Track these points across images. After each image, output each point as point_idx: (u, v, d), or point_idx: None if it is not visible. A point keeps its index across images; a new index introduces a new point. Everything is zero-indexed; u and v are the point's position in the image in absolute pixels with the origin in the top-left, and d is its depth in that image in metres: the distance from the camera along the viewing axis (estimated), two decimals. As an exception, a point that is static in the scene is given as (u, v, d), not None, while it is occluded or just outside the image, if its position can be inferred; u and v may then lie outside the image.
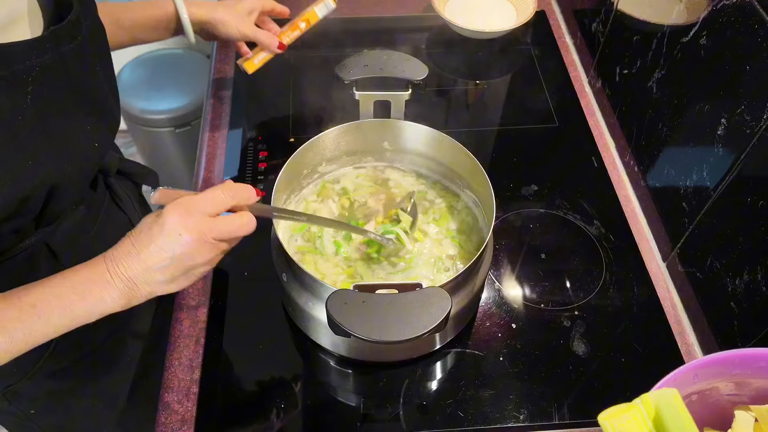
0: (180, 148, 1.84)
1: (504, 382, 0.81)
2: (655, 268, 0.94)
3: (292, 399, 0.79)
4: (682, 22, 0.86)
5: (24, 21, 0.60)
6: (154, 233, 0.59)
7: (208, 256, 0.61)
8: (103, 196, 0.82)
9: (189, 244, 0.59)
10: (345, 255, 0.84)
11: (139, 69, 1.81)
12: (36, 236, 0.70)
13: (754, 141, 0.72)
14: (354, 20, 1.33)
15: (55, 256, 0.73)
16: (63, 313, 0.58)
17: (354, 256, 0.84)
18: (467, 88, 1.22)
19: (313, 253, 0.85)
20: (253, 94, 1.18)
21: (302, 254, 0.85)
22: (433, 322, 0.61)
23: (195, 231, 0.59)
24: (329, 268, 0.83)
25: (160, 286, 0.61)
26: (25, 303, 0.57)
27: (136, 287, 0.60)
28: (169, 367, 0.82)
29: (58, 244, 0.72)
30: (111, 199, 0.83)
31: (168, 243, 0.59)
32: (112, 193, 0.83)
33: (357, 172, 0.94)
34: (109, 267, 0.59)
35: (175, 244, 0.59)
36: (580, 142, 1.11)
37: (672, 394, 0.49)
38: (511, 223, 0.99)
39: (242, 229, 0.63)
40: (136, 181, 0.90)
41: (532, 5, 1.28)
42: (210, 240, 0.60)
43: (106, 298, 0.59)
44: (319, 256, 0.84)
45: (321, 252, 0.84)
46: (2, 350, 0.57)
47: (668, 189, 0.92)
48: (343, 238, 0.86)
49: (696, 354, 0.85)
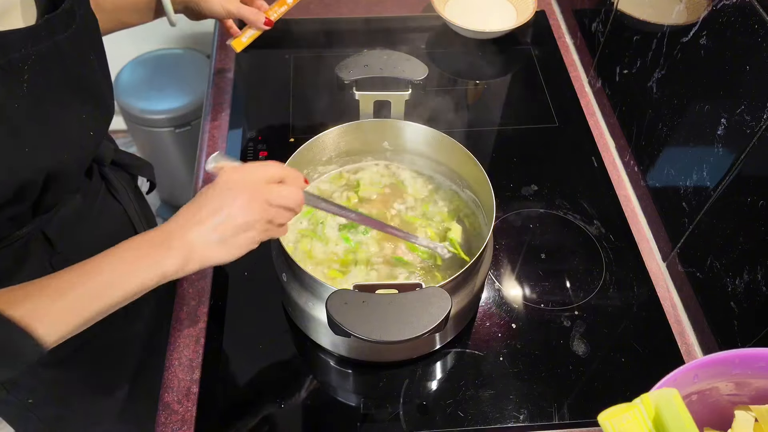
0: (180, 148, 1.84)
1: (504, 382, 0.81)
2: (655, 268, 0.94)
3: (292, 399, 0.79)
4: (682, 22, 0.86)
5: (17, 10, 0.61)
6: (209, 193, 0.61)
7: (257, 216, 0.62)
8: (99, 185, 0.82)
9: (242, 201, 0.60)
10: (351, 247, 0.84)
11: (139, 69, 1.81)
12: (33, 224, 0.70)
13: (754, 141, 0.72)
14: (354, 20, 1.33)
15: (51, 244, 0.73)
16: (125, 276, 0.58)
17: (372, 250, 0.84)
18: (467, 88, 1.22)
19: (312, 236, 0.85)
20: (253, 94, 1.18)
21: (302, 236, 0.85)
22: (433, 322, 0.61)
23: (249, 190, 0.61)
24: (322, 254, 0.83)
25: (213, 249, 0.61)
26: (89, 268, 0.58)
27: (192, 250, 0.60)
28: (169, 367, 0.82)
29: (55, 233, 0.73)
30: (107, 189, 0.84)
31: (223, 199, 0.61)
32: (107, 184, 0.84)
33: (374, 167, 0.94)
34: (167, 229, 0.61)
35: (228, 200, 0.60)
36: (580, 142, 1.11)
37: (672, 394, 0.49)
38: (511, 223, 0.99)
39: (292, 198, 0.64)
40: (131, 172, 0.91)
41: (532, 5, 1.28)
42: (261, 200, 0.62)
43: (164, 261, 0.59)
44: (317, 241, 0.84)
45: (320, 238, 0.84)
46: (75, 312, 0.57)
47: (668, 189, 0.92)
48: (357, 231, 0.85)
49: (696, 354, 0.85)
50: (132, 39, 1.88)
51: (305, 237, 0.85)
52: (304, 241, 0.85)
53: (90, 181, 0.80)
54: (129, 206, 0.87)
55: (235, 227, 0.61)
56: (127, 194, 0.87)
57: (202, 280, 0.90)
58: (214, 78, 1.20)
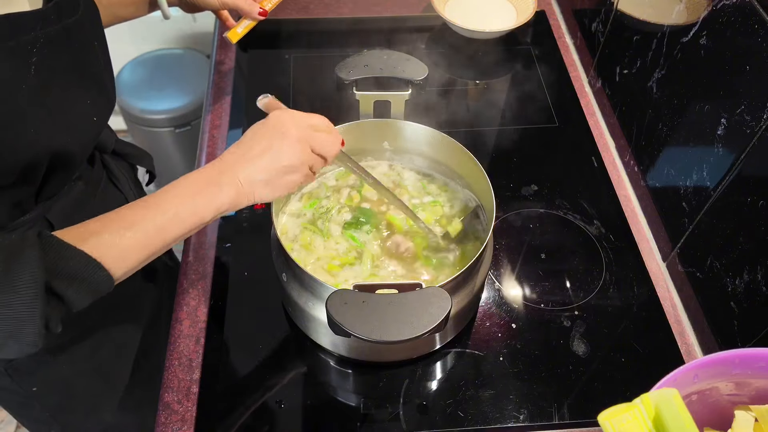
0: (180, 148, 1.84)
1: (504, 382, 0.81)
2: (655, 268, 0.94)
3: (292, 399, 0.79)
4: (682, 22, 0.86)
5: None
6: (261, 132, 0.65)
7: (302, 159, 0.65)
8: (101, 173, 0.83)
9: (290, 141, 0.64)
10: (355, 245, 0.84)
11: (139, 69, 1.81)
12: (36, 210, 0.71)
13: (754, 141, 0.72)
14: (354, 20, 1.33)
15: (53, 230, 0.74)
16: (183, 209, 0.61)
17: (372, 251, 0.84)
18: (467, 88, 1.22)
19: (313, 231, 0.85)
20: (253, 95, 1.17)
21: (303, 229, 0.85)
22: (433, 322, 0.61)
23: (296, 131, 0.65)
24: (322, 250, 0.84)
25: (260, 188, 0.65)
26: (150, 203, 0.60)
27: (241, 186, 0.63)
28: (169, 367, 0.82)
29: (57, 219, 0.73)
30: (108, 178, 0.85)
31: (272, 139, 0.64)
32: (108, 172, 0.85)
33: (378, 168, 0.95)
34: (219, 167, 0.64)
35: (276, 140, 0.64)
36: (580, 142, 1.11)
37: (672, 394, 0.49)
38: (511, 223, 0.99)
39: (331, 148, 0.69)
40: (131, 162, 0.92)
41: (532, 5, 1.28)
42: (306, 145, 0.65)
43: (219, 196, 0.62)
44: (318, 236, 0.84)
45: (322, 233, 0.85)
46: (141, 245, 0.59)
47: (668, 189, 0.92)
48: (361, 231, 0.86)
49: (696, 354, 0.85)
50: (132, 39, 1.88)
51: (307, 230, 0.85)
52: (305, 234, 0.85)
53: (92, 169, 0.81)
54: (129, 195, 0.88)
55: (280, 168, 0.64)
56: (127, 183, 0.88)
57: (202, 280, 0.90)
58: (214, 78, 1.20)
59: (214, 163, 0.65)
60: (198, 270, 0.91)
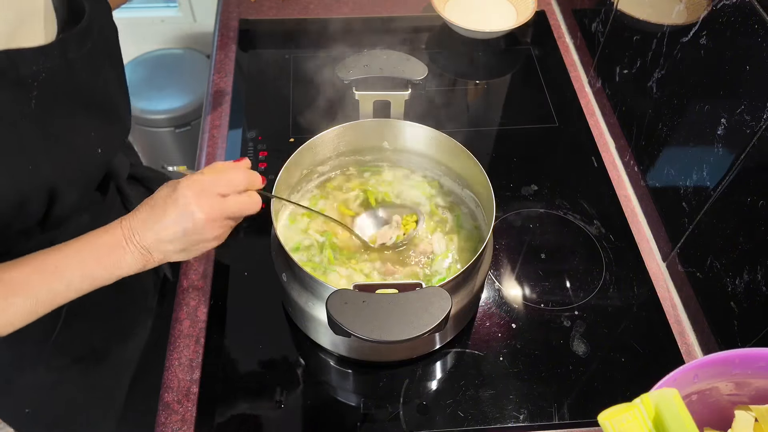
0: (180, 148, 1.84)
1: (504, 382, 0.81)
2: (655, 268, 0.94)
3: (292, 399, 0.79)
4: (682, 22, 0.86)
5: (37, 22, 0.61)
6: (169, 207, 0.61)
7: (217, 232, 0.64)
8: (114, 200, 0.82)
9: (201, 222, 0.61)
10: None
11: (139, 69, 1.81)
12: (42, 237, 0.70)
13: (754, 141, 0.72)
14: (354, 20, 1.33)
15: None
16: (83, 276, 0.60)
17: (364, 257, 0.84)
18: (467, 88, 1.22)
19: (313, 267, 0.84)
20: (253, 94, 1.18)
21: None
22: (433, 322, 0.61)
23: (208, 210, 0.61)
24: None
25: (171, 255, 0.64)
26: (48, 265, 0.59)
27: (149, 254, 0.62)
28: (169, 367, 0.82)
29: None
30: (122, 204, 0.84)
31: (181, 219, 0.61)
32: (123, 198, 0.84)
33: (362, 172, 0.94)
34: (125, 234, 0.61)
35: (187, 221, 0.61)
36: (580, 142, 1.11)
37: (672, 394, 0.49)
38: (511, 223, 0.99)
39: (252, 209, 0.66)
40: (148, 186, 0.91)
41: (532, 5, 1.28)
42: (220, 219, 0.63)
43: (122, 264, 0.61)
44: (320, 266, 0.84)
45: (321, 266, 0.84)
46: (28, 311, 0.59)
47: (668, 189, 0.92)
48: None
49: (696, 354, 0.85)
50: (132, 39, 1.88)
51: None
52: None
53: (104, 197, 0.79)
54: None
55: (194, 242, 0.63)
56: None
57: (202, 280, 0.90)
58: (214, 78, 1.20)
59: (121, 224, 0.62)
60: (198, 270, 0.91)
